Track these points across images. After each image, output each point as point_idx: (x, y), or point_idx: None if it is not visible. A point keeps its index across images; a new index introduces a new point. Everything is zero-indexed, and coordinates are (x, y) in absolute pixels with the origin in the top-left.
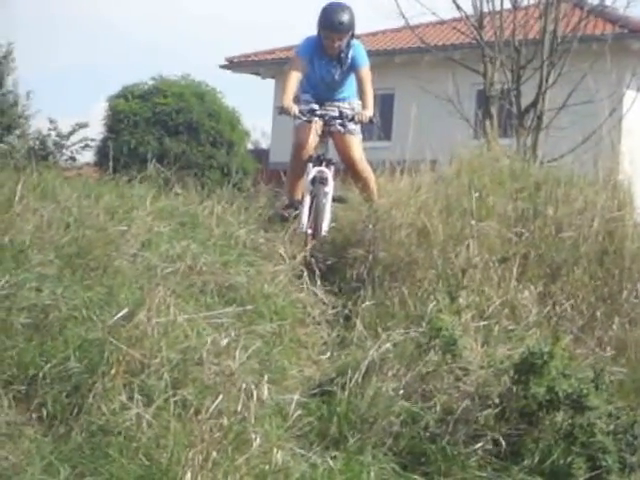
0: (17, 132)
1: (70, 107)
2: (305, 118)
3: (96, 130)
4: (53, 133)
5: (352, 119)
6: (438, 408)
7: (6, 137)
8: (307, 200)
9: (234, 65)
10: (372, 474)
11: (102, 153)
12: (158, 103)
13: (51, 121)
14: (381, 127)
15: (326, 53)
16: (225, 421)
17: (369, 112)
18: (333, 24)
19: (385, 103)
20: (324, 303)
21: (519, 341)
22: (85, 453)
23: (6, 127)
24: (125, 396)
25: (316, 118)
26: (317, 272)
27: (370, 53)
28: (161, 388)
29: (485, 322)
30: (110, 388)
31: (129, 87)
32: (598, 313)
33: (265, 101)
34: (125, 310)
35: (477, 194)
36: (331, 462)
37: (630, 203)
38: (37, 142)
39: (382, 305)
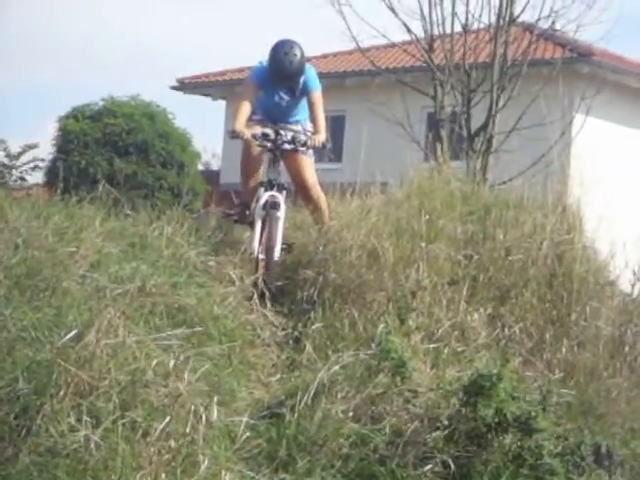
0: None
1: (20, 128)
2: (257, 142)
3: (46, 150)
4: (2, 154)
5: (304, 144)
6: (387, 430)
7: None
8: (258, 225)
9: (185, 86)
10: None
11: (52, 173)
12: (108, 124)
13: (1, 141)
14: (332, 149)
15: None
16: (173, 443)
17: (321, 137)
18: (283, 75)
19: (336, 125)
20: (274, 325)
21: (468, 363)
22: (33, 475)
23: None
24: (73, 418)
25: (268, 143)
26: (267, 294)
27: (321, 75)
28: (110, 410)
29: (434, 344)
30: (58, 410)
31: (79, 107)
32: (547, 336)
33: (216, 122)
34: (74, 331)
35: (427, 217)
36: None
37: (579, 226)
38: None
39: (332, 327)
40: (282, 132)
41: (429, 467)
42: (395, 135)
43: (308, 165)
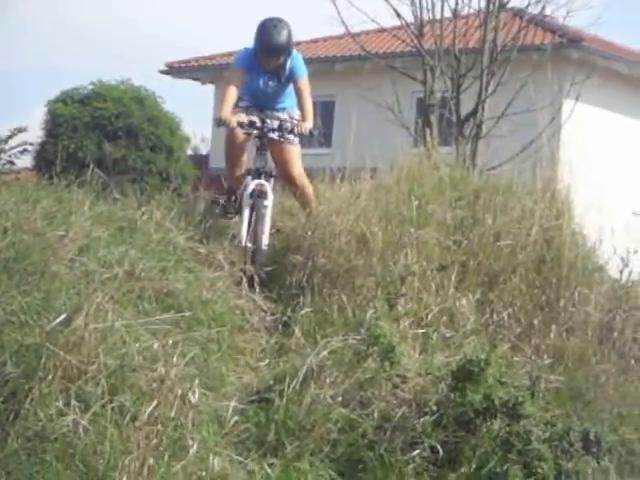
0: None
1: (9, 111)
2: (244, 131)
3: (35, 134)
4: None
5: (291, 131)
6: (376, 415)
7: None
8: (246, 213)
9: (174, 70)
10: None
11: (41, 157)
12: (97, 107)
13: None
14: (322, 134)
15: (264, 66)
16: (162, 427)
17: (308, 124)
18: (270, 48)
19: (326, 110)
20: (263, 310)
21: (457, 348)
22: (21, 459)
23: None
24: (62, 402)
25: (254, 131)
26: (256, 279)
27: (311, 60)
28: (98, 394)
29: (423, 329)
30: (47, 394)
31: (68, 91)
32: (535, 321)
33: (205, 107)
34: (63, 316)
35: (416, 202)
36: (268, 469)
37: (568, 212)
38: None
39: (321, 312)
40: (268, 120)
41: (417, 452)
42: (385, 120)
43: (294, 155)
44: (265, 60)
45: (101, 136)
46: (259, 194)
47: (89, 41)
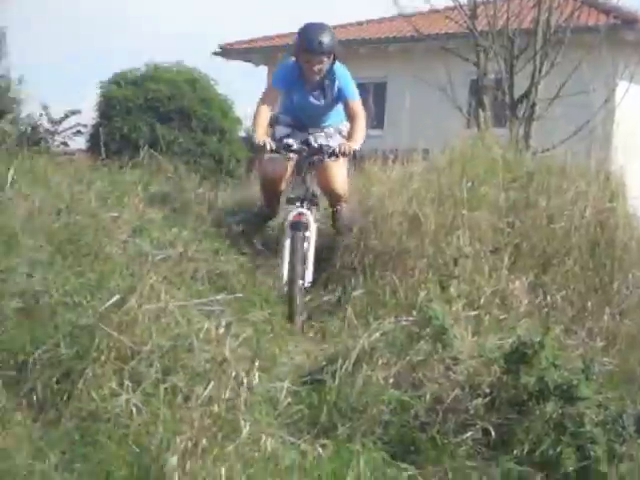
0: (9, 117)
1: (63, 93)
2: (280, 155)
3: (88, 116)
4: (45, 119)
5: (332, 154)
6: (428, 397)
7: None
8: (287, 247)
9: (227, 52)
10: (361, 462)
11: (94, 139)
12: (150, 89)
13: (44, 107)
14: (374, 115)
15: (307, 82)
16: (215, 408)
17: (355, 145)
18: (312, 45)
19: (378, 92)
20: (311, 296)
21: (510, 331)
22: (75, 439)
23: None
24: (115, 382)
25: (292, 155)
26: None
27: (364, 42)
28: (151, 375)
29: (476, 312)
30: (100, 374)
31: (122, 73)
32: (589, 304)
33: (257, 89)
34: (116, 296)
35: (469, 184)
36: (321, 450)
37: (622, 194)
38: (29, 127)
39: (373, 294)
40: (310, 140)
41: (470, 434)
42: (437, 101)
43: (338, 173)
44: (307, 64)
45: (154, 118)
46: (299, 226)
47: (139, 22)
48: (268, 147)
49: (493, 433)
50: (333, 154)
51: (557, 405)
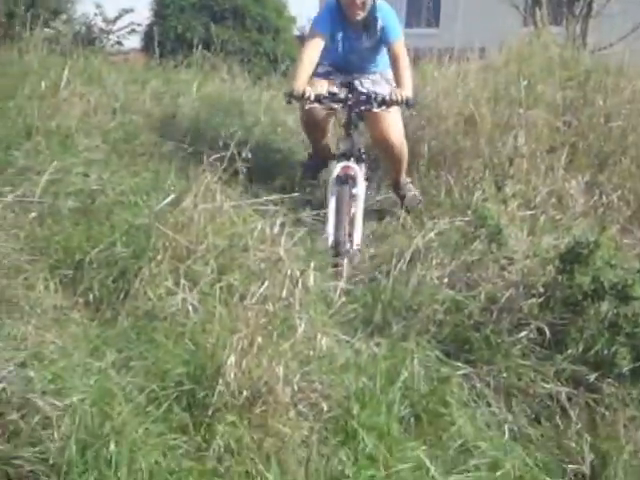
0: (63, 17)
1: None
2: (323, 106)
3: (142, 15)
4: (99, 18)
5: (383, 103)
6: (482, 297)
7: (52, 22)
8: (332, 205)
9: None
10: (415, 360)
11: (148, 38)
12: None
13: (97, 6)
14: (430, 13)
15: (350, 22)
16: (270, 307)
17: (406, 91)
18: None
19: None
20: (369, 192)
21: (565, 231)
22: (131, 337)
23: (52, 12)
24: (171, 281)
25: (337, 105)
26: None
27: None
28: (207, 273)
29: (531, 212)
30: (156, 273)
31: None
32: None
33: None
34: (171, 196)
35: (525, 82)
36: (375, 348)
37: None
38: (83, 27)
39: (428, 194)
40: (357, 88)
41: (524, 334)
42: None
43: (393, 122)
44: (350, 15)
45: (208, 17)
46: (346, 180)
47: None
48: (307, 96)
49: (547, 333)
50: (384, 103)
51: (612, 305)
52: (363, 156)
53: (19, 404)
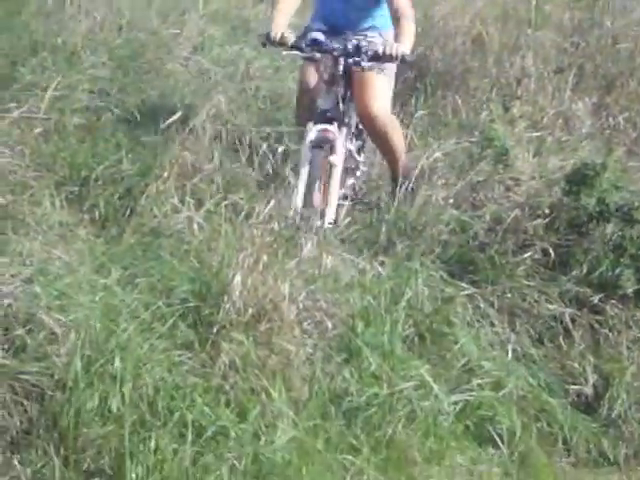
0: None
1: None
2: (304, 54)
3: None
4: None
5: (375, 56)
6: (488, 217)
7: None
8: (304, 171)
9: None
10: (420, 280)
11: None
12: None
13: None
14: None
15: None
16: (275, 226)
17: (403, 46)
18: None
19: None
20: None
21: (572, 152)
22: (137, 254)
23: None
24: (177, 199)
25: (318, 54)
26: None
27: None
28: (213, 191)
29: (538, 133)
30: (162, 191)
31: None
32: None
33: None
34: (178, 113)
35: (534, 2)
36: (380, 268)
37: None
38: None
39: (434, 115)
40: (347, 41)
41: (528, 254)
42: None
43: (379, 86)
44: None
45: None
46: (322, 144)
47: None
48: (286, 41)
49: (552, 254)
50: (376, 57)
51: (617, 227)
52: (347, 120)
53: (25, 320)
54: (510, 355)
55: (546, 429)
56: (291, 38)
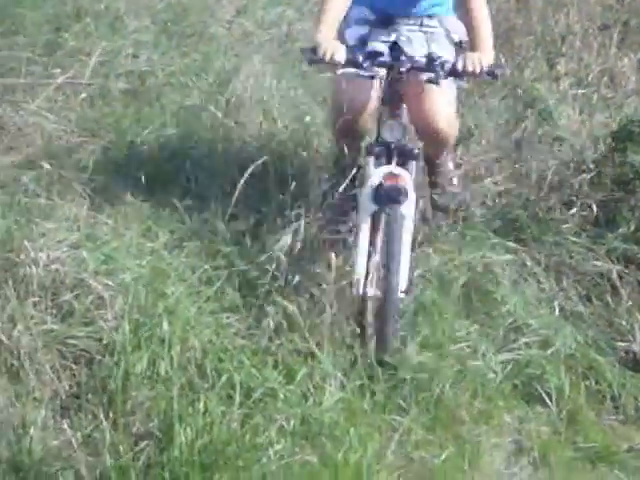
0: None
1: None
2: (361, 72)
3: None
4: None
5: (453, 72)
6: (533, 176)
7: None
8: (364, 231)
9: None
10: (468, 238)
11: None
12: None
13: None
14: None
15: None
16: None
17: (487, 56)
18: None
19: None
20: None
21: (617, 109)
22: (183, 218)
23: None
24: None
25: (379, 70)
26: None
27: None
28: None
29: (583, 90)
30: (205, 155)
31: None
32: None
33: None
34: (221, 77)
35: None
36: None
37: None
38: None
39: None
40: (400, 45)
41: (574, 211)
42: None
43: (442, 100)
44: None
45: None
46: (391, 195)
47: None
48: (337, 58)
49: (597, 210)
50: (454, 73)
51: None
52: (415, 152)
53: (73, 284)
54: (557, 313)
55: (594, 387)
56: (343, 54)
